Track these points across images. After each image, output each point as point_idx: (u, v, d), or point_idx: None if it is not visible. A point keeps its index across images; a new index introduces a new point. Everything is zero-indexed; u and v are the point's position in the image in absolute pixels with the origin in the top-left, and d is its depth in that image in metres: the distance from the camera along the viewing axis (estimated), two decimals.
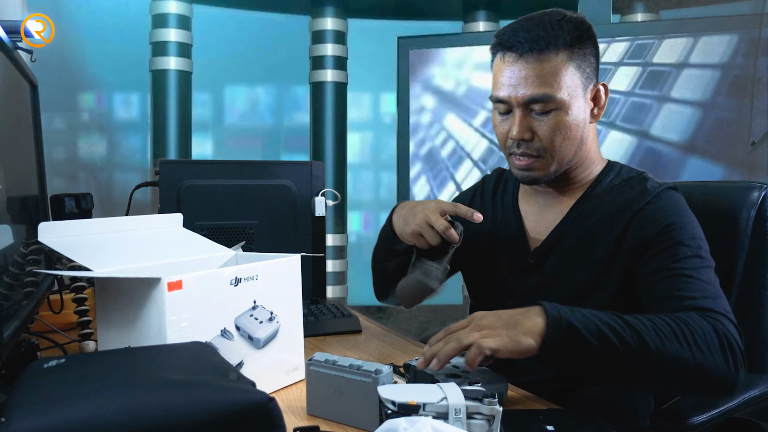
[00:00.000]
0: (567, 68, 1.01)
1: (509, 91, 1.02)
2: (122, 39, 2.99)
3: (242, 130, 3.44)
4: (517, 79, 1.01)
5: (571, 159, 1.06)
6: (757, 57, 2.38)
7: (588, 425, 0.79)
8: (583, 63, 1.03)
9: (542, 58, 1.00)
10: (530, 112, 1.02)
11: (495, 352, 0.80)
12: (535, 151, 1.04)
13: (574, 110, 1.02)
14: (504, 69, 1.03)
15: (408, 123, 2.85)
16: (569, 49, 1.01)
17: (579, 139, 1.05)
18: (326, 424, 0.80)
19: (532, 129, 1.03)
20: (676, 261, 0.96)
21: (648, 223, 1.00)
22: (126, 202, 1.47)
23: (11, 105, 1.00)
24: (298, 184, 1.45)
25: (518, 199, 1.18)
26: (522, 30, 1.01)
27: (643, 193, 1.04)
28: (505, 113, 1.06)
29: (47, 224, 0.85)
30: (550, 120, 1.01)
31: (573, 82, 1.02)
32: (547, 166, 1.05)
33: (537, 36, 1.00)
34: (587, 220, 1.06)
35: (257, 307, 0.90)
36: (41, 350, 1.03)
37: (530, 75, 1.00)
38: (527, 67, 1.01)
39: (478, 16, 3.15)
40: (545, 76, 1.00)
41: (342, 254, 3.13)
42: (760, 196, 1.14)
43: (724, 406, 0.95)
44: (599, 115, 1.09)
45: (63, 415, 0.50)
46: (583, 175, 1.11)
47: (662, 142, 2.51)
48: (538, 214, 1.13)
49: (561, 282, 1.06)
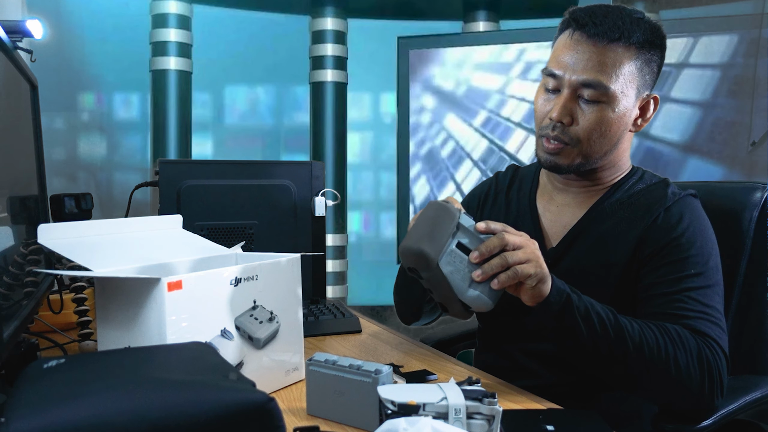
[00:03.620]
0: (629, 65, 0.99)
1: (566, 68, 1.00)
2: (122, 39, 2.99)
3: (242, 130, 3.44)
4: (578, 58, 0.99)
5: (600, 158, 1.04)
6: (757, 57, 2.38)
7: (588, 425, 0.78)
8: (646, 68, 1.01)
9: (610, 46, 0.98)
10: (578, 98, 1.00)
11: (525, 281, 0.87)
12: (568, 137, 1.01)
13: (621, 110, 1.00)
14: (569, 45, 1.00)
15: (408, 123, 2.85)
16: (638, 49, 0.99)
17: (614, 141, 1.03)
18: (326, 424, 0.80)
19: (573, 114, 1.00)
20: (679, 279, 0.95)
21: (660, 232, 0.99)
22: (126, 202, 1.47)
23: (11, 105, 1.00)
24: (298, 184, 1.45)
25: (536, 197, 1.16)
26: (600, 14, 0.99)
27: (663, 199, 1.02)
28: (552, 91, 1.03)
29: (47, 226, 0.85)
30: (595, 111, 0.99)
31: (630, 81, 0.99)
32: (574, 157, 1.03)
33: (614, 23, 0.97)
34: (605, 222, 1.05)
35: (257, 307, 0.90)
36: (41, 350, 1.03)
37: (593, 59, 0.98)
38: (592, 50, 0.98)
39: (478, 16, 3.15)
40: (607, 64, 0.97)
41: (342, 254, 3.13)
42: (762, 196, 1.14)
43: (726, 409, 0.94)
44: (642, 125, 1.06)
45: (63, 415, 0.50)
46: (608, 177, 1.09)
47: (662, 142, 2.51)
48: (556, 213, 1.11)
49: (575, 282, 1.05)
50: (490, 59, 2.73)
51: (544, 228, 1.12)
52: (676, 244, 0.97)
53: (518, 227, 1.14)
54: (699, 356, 0.88)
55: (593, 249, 1.04)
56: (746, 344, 1.14)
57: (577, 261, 1.05)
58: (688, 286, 0.94)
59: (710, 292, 0.95)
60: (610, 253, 1.02)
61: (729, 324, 1.13)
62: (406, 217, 2.84)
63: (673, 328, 0.90)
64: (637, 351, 0.87)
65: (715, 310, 0.94)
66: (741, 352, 1.13)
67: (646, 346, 0.87)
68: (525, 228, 1.13)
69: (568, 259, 1.06)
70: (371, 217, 3.54)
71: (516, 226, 1.15)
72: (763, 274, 1.13)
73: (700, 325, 0.91)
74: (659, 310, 0.94)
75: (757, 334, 1.14)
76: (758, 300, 1.14)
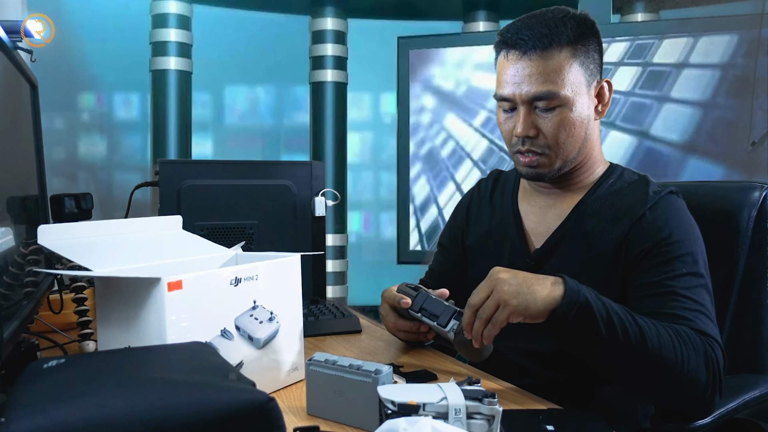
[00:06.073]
0: (571, 65, 1.01)
1: (513, 89, 1.02)
2: (122, 39, 2.99)
3: (242, 130, 3.44)
4: (521, 76, 1.01)
5: (575, 156, 1.06)
6: (757, 57, 2.38)
7: (588, 425, 0.79)
8: (587, 60, 1.03)
9: (545, 55, 1.00)
10: (534, 110, 1.02)
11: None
12: (539, 148, 1.04)
13: (578, 107, 1.02)
14: (508, 67, 1.03)
15: (408, 123, 2.85)
16: (572, 46, 1.01)
17: (583, 136, 1.05)
18: (326, 424, 0.80)
19: (536, 126, 1.03)
20: (672, 278, 0.96)
21: (647, 232, 1.00)
22: (126, 202, 1.47)
23: (11, 105, 1.00)
24: (298, 184, 1.45)
25: (518, 200, 1.18)
26: (525, 27, 1.01)
27: (645, 198, 1.03)
28: (509, 111, 1.06)
29: (47, 227, 0.85)
30: (555, 117, 1.02)
31: (577, 78, 1.02)
32: (552, 163, 1.05)
33: (540, 33, 1.00)
34: (588, 222, 1.06)
35: (257, 307, 0.90)
36: (41, 350, 1.03)
37: (534, 72, 1.00)
38: (531, 65, 1.01)
39: (478, 16, 3.15)
40: (549, 73, 1.00)
41: (342, 254, 3.13)
42: (760, 196, 1.14)
43: (725, 408, 0.95)
44: (603, 111, 1.09)
45: (63, 415, 0.50)
46: (585, 175, 1.10)
47: (662, 142, 2.51)
48: (539, 215, 1.13)
49: None
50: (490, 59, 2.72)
51: (528, 230, 1.13)
52: (664, 244, 0.98)
53: (502, 231, 1.16)
54: (705, 355, 0.88)
55: (577, 249, 1.05)
56: (745, 343, 1.14)
57: (561, 261, 1.06)
58: (681, 285, 0.95)
59: (702, 290, 0.96)
60: (594, 252, 1.03)
61: (728, 323, 1.13)
62: (406, 217, 2.84)
63: (681, 329, 0.90)
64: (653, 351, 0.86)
65: (709, 309, 0.95)
66: (739, 350, 1.13)
67: (663, 346, 0.87)
68: (509, 232, 1.14)
69: (553, 260, 1.07)
70: (371, 217, 3.54)
71: (500, 229, 1.17)
72: (761, 274, 1.13)
73: (699, 324, 0.91)
74: (654, 310, 0.94)
75: (756, 332, 1.14)
76: (757, 299, 1.14)
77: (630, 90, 2.54)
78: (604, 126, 2.53)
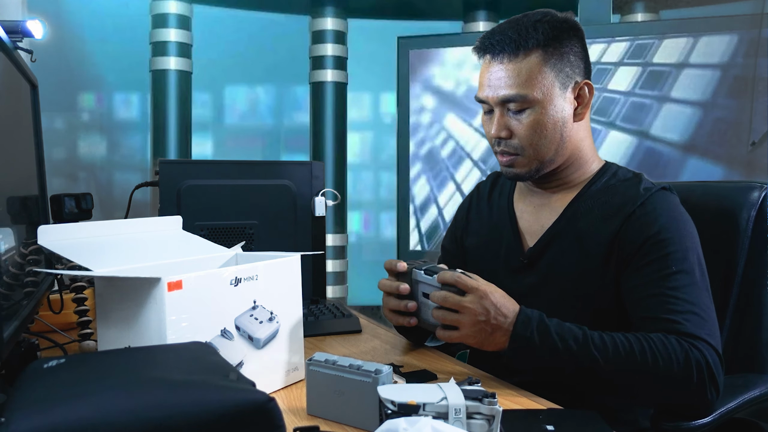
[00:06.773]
0: (541, 68, 1.03)
1: (487, 91, 1.06)
2: (122, 39, 2.99)
3: (242, 130, 3.44)
4: (493, 80, 1.05)
5: (553, 157, 1.07)
6: (757, 57, 2.38)
7: (588, 425, 0.79)
8: (560, 62, 1.04)
9: (514, 59, 1.04)
10: (507, 112, 1.06)
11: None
12: (513, 149, 1.07)
13: (551, 109, 1.04)
14: (483, 70, 1.08)
15: (408, 123, 2.85)
16: (543, 50, 1.03)
17: (559, 138, 1.06)
18: (326, 424, 0.80)
19: (509, 127, 1.06)
20: (662, 278, 0.96)
21: (639, 228, 1.00)
22: (126, 202, 1.47)
23: (11, 105, 1.00)
24: (298, 184, 1.45)
25: (513, 199, 1.19)
26: (498, 32, 1.06)
27: (636, 195, 1.04)
28: (488, 113, 1.09)
29: (47, 227, 0.85)
30: (526, 118, 1.04)
31: (548, 81, 1.04)
32: (528, 164, 1.07)
33: (509, 38, 1.04)
34: (581, 220, 1.06)
35: (257, 307, 0.90)
36: (41, 350, 1.03)
37: (503, 76, 1.04)
38: (501, 68, 1.04)
39: (478, 16, 3.15)
40: (517, 76, 1.03)
41: (342, 254, 3.13)
42: (760, 196, 1.14)
43: (725, 407, 0.95)
44: (584, 113, 1.09)
45: (63, 415, 0.50)
46: (577, 174, 1.11)
47: (662, 142, 2.51)
48: (533, 214, 1.14)
49: (554, 282, 1.06)
50: None
51: (522, 229, 1.14)
52: (653, 242, 0.98)
53: (499, 230, 1.18)
54: (686, 358, 0.89)
55: (570, 247, 1.06)
56: (745, 343, 1.14)
57: (554, 260, 1.07)
58: (672, 285, 0.95)
59: (695, 288, 0.96)
60: (587, 250, 1.04)
61: (727, 323, 1.13)
62: (406, 217, 2.84)
63: (655, 336, 0.92)
64: (608, 370, 0.91)
65: (702, 305, 0.95)
66: (740, 350, 1.14)
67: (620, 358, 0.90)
68: (504, 231, 1.15)
69: (546, 258, 1.08)
70: (371, 217, 3.54)
71: (496, 229, 1.19)
72: (761, 273, 1.13)
73: (689, 327, 0.92)
74: (647, 314, 0.95)
75: (756, 332, 1.14)
76: (756, 298, 1.14)
77: (630, 90, 2.55)
78: (604, 126, 2.53)
